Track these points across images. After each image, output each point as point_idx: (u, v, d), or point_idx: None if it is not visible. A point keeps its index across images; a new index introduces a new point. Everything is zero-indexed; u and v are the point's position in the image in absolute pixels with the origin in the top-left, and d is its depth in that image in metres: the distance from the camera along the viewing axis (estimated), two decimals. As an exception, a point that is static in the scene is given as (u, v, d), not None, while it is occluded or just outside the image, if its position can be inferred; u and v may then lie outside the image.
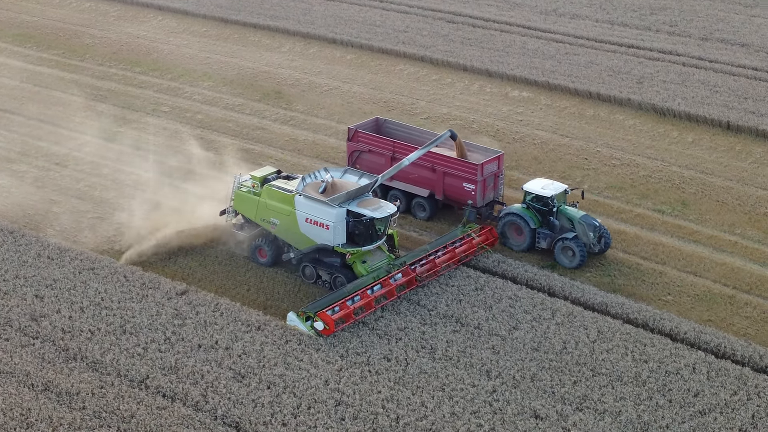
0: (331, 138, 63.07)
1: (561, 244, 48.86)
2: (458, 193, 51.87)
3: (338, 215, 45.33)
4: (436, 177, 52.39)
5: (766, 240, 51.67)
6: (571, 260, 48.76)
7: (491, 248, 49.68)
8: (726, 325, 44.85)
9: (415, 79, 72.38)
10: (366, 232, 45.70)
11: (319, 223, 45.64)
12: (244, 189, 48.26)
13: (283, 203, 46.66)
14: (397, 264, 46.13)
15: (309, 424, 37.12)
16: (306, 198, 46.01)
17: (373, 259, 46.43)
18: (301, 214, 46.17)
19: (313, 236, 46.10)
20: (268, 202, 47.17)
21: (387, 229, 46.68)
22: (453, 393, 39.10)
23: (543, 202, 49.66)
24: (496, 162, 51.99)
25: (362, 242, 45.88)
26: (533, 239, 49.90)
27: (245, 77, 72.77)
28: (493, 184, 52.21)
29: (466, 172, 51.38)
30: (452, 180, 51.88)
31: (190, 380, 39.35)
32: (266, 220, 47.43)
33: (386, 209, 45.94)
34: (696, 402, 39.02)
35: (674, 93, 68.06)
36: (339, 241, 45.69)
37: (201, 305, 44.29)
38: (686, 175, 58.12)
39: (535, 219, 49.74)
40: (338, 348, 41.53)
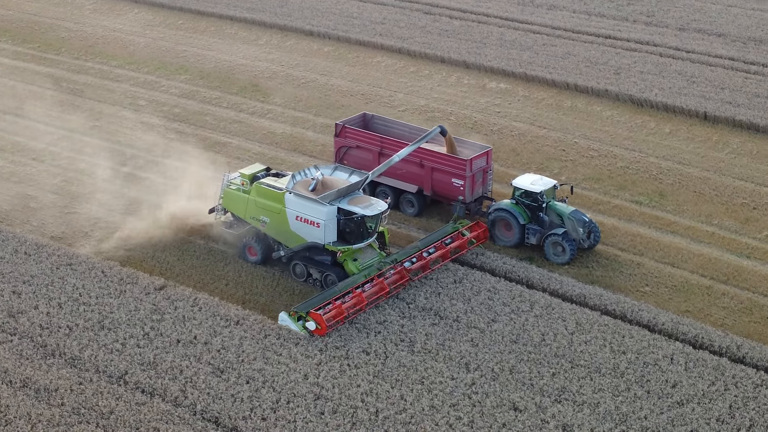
0: (309, 131, 62.95)
1: (550, 240, 48.66)
2: (447, 188, 51.65)
3: (329, 213, 45.03)
4: (424, 173, 52.12)
5: (743, 230, 51.91)
6: (560, 256, 48.62)
7: (482, 244, 49.56)
8: (703, 315, 45.03)
9: (392, 71, 72.30)
10: (357, 230, 45.42)
11: (309, 221, 45.37)
12: (233, 187, 47.86)
13: (273, 201, 46.32)
14: (389, 261, 45.88)
15: (288, 418, 37.11)
16: (296, 196, 45.73)
17: (364, 256, 46.19)
18: (291, 212, 45.86)
19: (304, 234, 45.82)
20: (257, 200, 46.83)
21: (378, 227, 46.44)
22: (432, 386, 39.15)
23: (532, 198, 49.49)
24: (484, 157, 51.74)
25: (353, 240, 45.60)
26: (522, 235, 49.65)
27: (222, 70, 72.53)
28: (482, 180, 51.96)
29: (454, 168, 51.13)
30: (441, 176, 51.63)
31: (169, 375, 39.27)
32: (256, 218, 47.10)
33: (377, 207, 45.68)
34: (674, 393, 39.19)
35: (651, 84, 68.21)
36: (330, 239, 45.41)
37: (179, 300, 44.17)
38: (663, 165, 58.27)
39: (524, 215, 49.54)
40: (317, 342, 41.48)
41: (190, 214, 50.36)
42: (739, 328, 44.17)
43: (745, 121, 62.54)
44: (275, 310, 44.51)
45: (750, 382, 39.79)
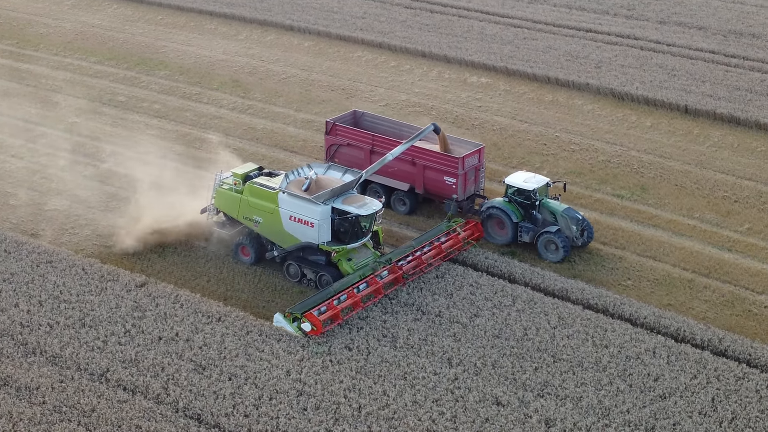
0: (290, 126, 62.77)
1: (544, 238, 48.34)
2: (439, 186, 51.28)
3: (323, 213, 44.59)
4: (416, 171, 51.70)
5: (725, 223, 52.01)
6: (554, 254, 48.29)
7: (477, 243, 49.22)
8: (685, 309, 45.09)
9: (373, 66, 72.17)
10: (351, 230, 44.98)
11: (303, 220, 44.90)
12: (226, 186, 47.37)
13: (267, 201, 45.82)
14: (383, 261, 45.54)
15: (271, 415, 36.99)
16: (290, 195, 45.26)
17: (359, 256, 45.79)
18: (284, 211, 45.37)
19: (298, 234, 45.35)
20: (250, 200, 46.31)
21: (372, 226, 46.03)
22: (415, 381, 39.09)
23: (525, 196, 49.13)
24: (477, 155, 51.36)
25: (347, 240, 45.17)
26: (515, 233, 49.31)
27: (202, 66, 72.25)
28: (474, 178, 51.56)
29: (447, 166, 50.74)
30: (433, 174, 51.26)
31: (151, 373, 39.10)
32: (249, 218, 46.61)
33: (372, 206, 45.25)
34: (656, 386, 39.23)
35: (632, 77, 68.29)
36: (324, 239, 44.96)
37: (160, 297, 43.98)
38: (645, 159, 58.34)
39: (517, 213, 49.17)
40: (299, 338, 41.35)
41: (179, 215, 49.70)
42: (721, 321, 44.25)
43: (726, 114, 62.68)
44: (257, 306, 44.47)
45: (732, 375, 39.85)
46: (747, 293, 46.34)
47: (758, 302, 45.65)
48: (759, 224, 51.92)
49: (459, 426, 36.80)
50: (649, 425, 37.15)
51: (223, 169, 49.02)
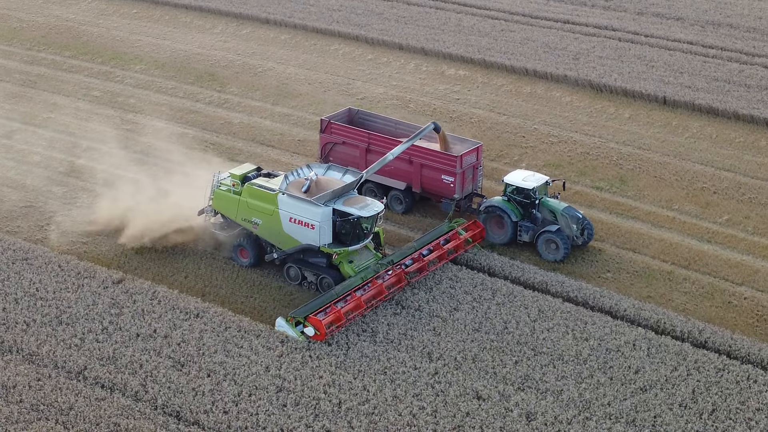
0: (267, 120, 62.42)
1: (544, 238, 47.79)
2: (437, 185, 50.64)
3: (324, 214, 43.87)
4: (413, 169, 51.01)
5: (703, 215, 52.04)
6: (554, 253, 47.73)
7: (479, 243, 48.54)
8: (665, 301, 45.08)
9: (350, 59, 71.89)
10: (353, 231, 44.31)
11: (304, 222, 44.17)
12: (224, 188, 46.56)
13: (266, 202, 45.05)
14: (385, 263, 44.91)
15: (250, 411, 36.70)
16: (290, 197, 44.51)
17: (360, 258, 45.12)
18: (284, 213, 44.63)
19: (298, 236, 44.62)
20: (249, 201, 45.52)
21: (374, 228, 45.37)
22: (395, 376, 38.87)
23: (524, 195, 48.58)
24: (474, 153, 50.78)
25: (349, 242, 44.50)
26: (515, 232, 48.74)
27: (178, 60, 71.79)
28: (472, 176, 50.94)
29: (444, 164, 50.11)
30: (430, 172, 50.61)
31: (129, 370, 38.73)
32: (248, 219, 45.86)
33: (373, 207, 44.55)
34: (637, 379, 39.16)
35: (610, 69, 68.26)
36: (325, 241, 44.21)
37: (138, 294, 43.57)
38: (624, 151, 58.31)
39: (516, 212, 48.61)
40: (278, 333, 41.07)
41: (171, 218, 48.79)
42: (700, 312, 44.27)
43: (705, 105, 62.73)
44: (235, 302, 44.18)
45: (712, 366, 39.84)
46: (726, 285, 46.37)
47: (738, 294, 45.69)
48: (738, 215, 51.99)
49: (440, 420, 36.61)
50: (630, 418, 37.07)
51: (221, 170, 48.11)
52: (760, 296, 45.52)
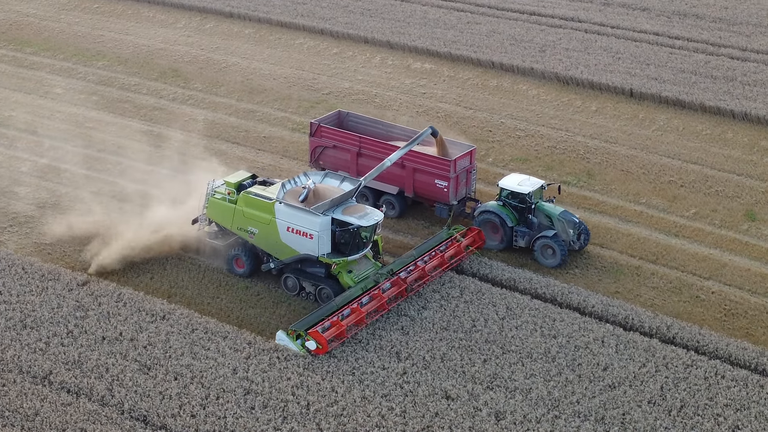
0: (232, 117, 61.98)
1: (541, 243, 47.14)
2: (430, 190, 49.91)
3: (323, 224, 43.04)
4: (405, 173, 50.21)
5: (671, 209, 52.09)
6: (551, 259, 47.13)
7: (479, 251, 47.70)
8: (633, 296, 45.08)
9: (315, 53, 71.50)
10: (352, 241, 43.47)
11: (302, 232, 43.33)
12: (219, 196, 45.65)
13: (263, 211, 44.16)
14: (385, 273, 44.08)
15: (218, 414, 36.41)
16: (287, 206, 43.69)
17: (359, 268, 44.34)
18: (282, 222, 43.76)
19: (296, 246, 43.79)
20: (245, 210, 44.63)
21: (373, 237, 44.51)
22: (363, 377, 38.67)
23: (520, 199, 47.89)
24: (468, 157, 50.05)
25: (348, 251, 43.68)
26: (511, 238, 48.10)
27: (140, 55, 71.16)
28: (466, 180, 50.20)
29: (438, 169, 49.37)
30: (423, 176, 49.85)
31: (95, 374, 38.33)
32: (243, 229, 44.98)
33: (373, 216, 43.71)
34: (605, 376, 39.13)
35: (577, 61, 68.21)
36: (324, 251, 43.41)
37: (103, 296, 43.14)
38: (591, 144, 58.29)
39: (512, 217, 47.90)
40: (245, 335, 40.76)
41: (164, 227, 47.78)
42: (668, 308, 44.31)
43: (671, 97, 62.83)
44: (202, 303, 43.84)
45: (680, 362, 39.89)
46: (694, 279, 46.45)
47: (705, 288, 45.77)
48: (705, 209, 52.07)
49: (409, 421, 36.44)
50: (599, 416, 37.03)
51: (215, 178, 47.24)
52: (728, 290, 45.62)
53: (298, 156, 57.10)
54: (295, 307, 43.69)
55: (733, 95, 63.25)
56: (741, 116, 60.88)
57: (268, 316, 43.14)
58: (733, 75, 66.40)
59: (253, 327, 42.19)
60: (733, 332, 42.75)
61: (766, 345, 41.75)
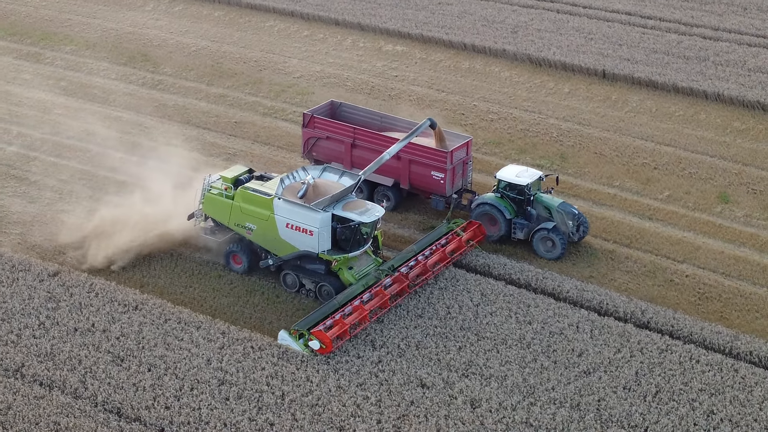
0: (202, 102, 61.47)
1: (540, 235, 46.65)
2: (426, 182, 49.22)
3: (323, 220, 42.34)
4: (401, 165, 49.46)
5: (645, 191, 52.08)
6: (550, 251, 46.63)
7: (479, 245, 47.08)
8: (607, 281, 45.07)
9: (285, 36, 71.00)
10: (353, 237, 42.89)
11: (301, 228, 42.64)
12: (215, 191, 44.91)
13: (261, 207, 43.43)
14: (386, 269, 43.53)
15: (193, 406, 36.15)
16: (286, 202, 42.95)
17: (360, 264, 43.72)
18: (281, 219, 43.05)
19: (295, 242, 43.10)
20: (242, 206, 43.91)
21: (373, 232, 43.95)
22: (338, 366, 38.47)
23: (518, 191, 47.31)
24: (464, 148, 49.42)
25: (349, 248, 43.06)
26: (509, 230, 47.50)
27: (109, 39, 70.43)
28: (462, 172, 49.59)
29: (434, 160, 48.68)
30: (419, 168, 49.16)
31: (68, 366, 37.97)
32: (241, 225, 44.25)
33: (374, 212, 42.93)
34: (580, 362, 39.11)
35: (549, 42, 68.01)
36: (324, 248, 42.75)
37: (75, 286, 42.70)
38: (564, 127, 58.17)
39: (510, 209, 47.31)
40: (219, 324, 40.48)
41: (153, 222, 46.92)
42: (642, 292, 44.33)
43: (644, 78, 62.77)
44: (174, 293, 43.53)
45: (655, 347, 39.92)
46: (668, 262, 46.49)
47: (679, 271, 45.81)
48: (678, 191, 52.10)
49: (384, 410, 36.30)
50: (574, 402, 37.02)
51: (211, 173, 46.46)
52: (702, 273, 45.69)
53: (270, 141, 56.74)
54: (269, 296, 43.51)
55: (706, 75, 63.27)
56: (714, 97, 60.90)
57: (241, 305, 42.88)
58: (705, 55, 66.40)
59: (226, 316, 41.90)
60: (707, 316, 42.83)
61: (739, 328, 41.87)
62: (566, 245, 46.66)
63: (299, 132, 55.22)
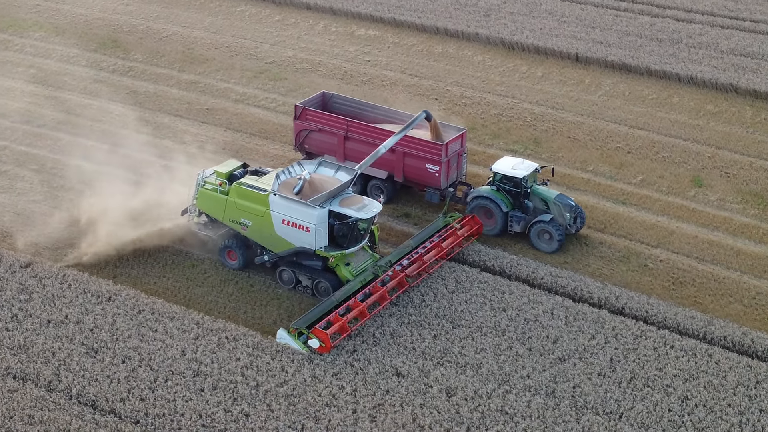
0: (173, 89, 60.99)
1: (537, 228, 46.26)
2: (420, 174, 48.71)
3: (320, 216, 41.84)
4: (395, 158, 48.84)
5: (618, 176, 52.11)
6: (548, 244, 46.23)
7: (476, 238, 46.74)
8: (582, 266, 45.09)
9: (257, 21, 70.55)
10: (350, 234, 42.40)
11: (298, 225, 42.12)
12: (209, 187, 44.28)
13: (256, 203, 42.86)
14: (383, 264, 43.23)
15: (168, 397, 36.04)
16: (282, 198, 42.44)
17: (357, 260, 43.31)
18: (276, 215, 42.50)
19: (291, 239, 42.58)
20: (237, 202, 43.32)
21: (370, 228, 43.38)
22: (313, 355, 38.37)
23: (514, 183, 46.84)
24: (459, 140, 48.87)
25: (346, 244, 42.61)
26: (505, 223, 47.09)
27: (79, 25, 69.75)
28: (457, 164, 49.13)
29: (429, 153, 48.17)
30: (414, 161, 48.61)
31: (42, 359, 37.76)
32: (236, 220, 43.73)
33: (371, 208, 42.48)
34: (555, 349, 39.18)
35: (522, 25, 67.87)
36: (321, 244, 42.26)
37: (47, 278, 42.39)
38: (537, 111, 58.09)
39: (506, 201, 46.88)
40: (193, 315, 40.32)
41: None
42: (617, 277, 44.38)
43: (617, 61, 62.78)
44: (148, 283, 43.26)
45: (629, 333, 40.03)
46: (642, 247, 46.57)
47: (653, 256, 45.90)
48: (652, 175, 52.15)
49: (360, 399, 36.30)
50: (549, 389, 37.11)
51: (205, 167, 45.85)
52: (676, 258, 45.78)
53: (243, 128, 56.43)
54: (243, 285, 43.35)
55: (679, 58, 63.33)
56: (687, 80, 60.99)
57: (215, 295, 42.70)
58: (678, 37, 66.47)
59: (200, 306, 41.73)
60: (681, 301, 42.95)
61: (713, 313, 42.04)
62: (564, 237, 46.34)
63: (272, 119, 55.11)
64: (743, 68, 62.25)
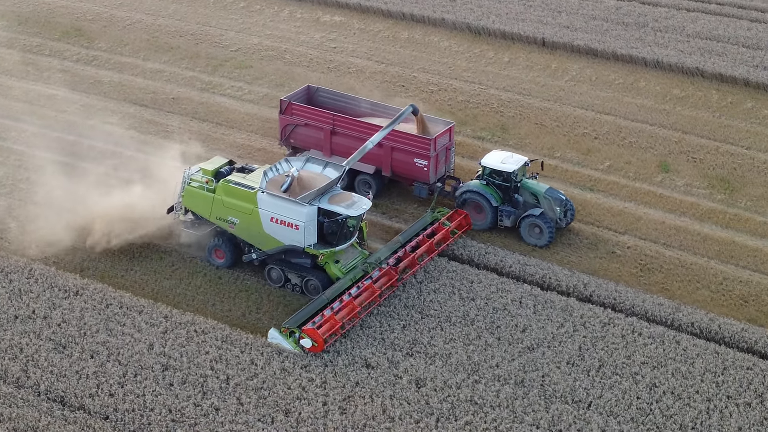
0: (138, 78, 60.54)
1: (527, 222, 45.98)
2: (409, 169, 48.38)
3: (309, 214, 41.49)
4: (383, 152, 48.46)
5: (586, 162, 52.20)
6: (538, 238, 45.97)
7: (466, 234, 46.54)
8: (549, 254, 45.18)
9: (221, 7, 70.08)
10: (340, 231, 42.08)
11: (286, 222, 41.74)
12: (195, 184, 43.83)
13: (244, 201, 42.40)
14: (372, 261, 42.86)
15: (137, 392, 35.90)
16: (270, 195, 42.05)
17: (346, 257, 43.00)
18: (264, 212, 42.10)
19: (280, 237, 42.21)
20: (225, 200, 42.88)
21: (359, 225, 43.05)
22: (282, 348, 38.28)
23: (504, 178, 46.56)
24: (447, 134, 48.59)
25: (335, 242, 42.31)
26: (495, 217, 46.83)
27: (41, 14, 69.06)
28: (445, 158, 48.84)
29: (417, 147, 47.83)
30: (402, 155, 48.28)
31: (9, 355, 37.53)
32: (223, 218, 43.28)
33: (361, 205, 42.09)
34: (524, 338, 39.28)
35: (488, 10, 67.77)
36: (310, 242, 41.93)
37: (13, 272, 42.11)
38: (504, 97, 58.05)
39: (496, 196, 46.59)
40: (161, 308, 40.16)
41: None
42: (585, 265, 44.51)
43: (583, 46, 62.82)
44: (115, 276, 43.02)
45: (598, 321, 40.19)
46: (610, 234, 46.70)
47: (621, 243, 46.04)
48: (619, 161, 52.29)
49: (329, 392, 36.29)
50: (519, 379, 37.21)
51: (191, 165, 45.29)
52: (643, 245, 45.96)
53: (209, 117, 56.15)
54: (211, 277, 43.20)
55: (645, 42, 63.46)
56: (653, 64, 61.13)
57: (183, 288, 42.53)
58: (644, 21, 66.58)
59: (168, 300, 41.58)
60: (649, 287, 43.15)
61: (681, 300, 42.25)
62: (554, 232, 46.11)
63: (238, 107, 54.80)
64: (709, 51, 62.46)
